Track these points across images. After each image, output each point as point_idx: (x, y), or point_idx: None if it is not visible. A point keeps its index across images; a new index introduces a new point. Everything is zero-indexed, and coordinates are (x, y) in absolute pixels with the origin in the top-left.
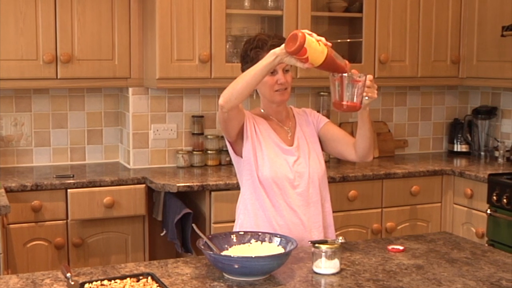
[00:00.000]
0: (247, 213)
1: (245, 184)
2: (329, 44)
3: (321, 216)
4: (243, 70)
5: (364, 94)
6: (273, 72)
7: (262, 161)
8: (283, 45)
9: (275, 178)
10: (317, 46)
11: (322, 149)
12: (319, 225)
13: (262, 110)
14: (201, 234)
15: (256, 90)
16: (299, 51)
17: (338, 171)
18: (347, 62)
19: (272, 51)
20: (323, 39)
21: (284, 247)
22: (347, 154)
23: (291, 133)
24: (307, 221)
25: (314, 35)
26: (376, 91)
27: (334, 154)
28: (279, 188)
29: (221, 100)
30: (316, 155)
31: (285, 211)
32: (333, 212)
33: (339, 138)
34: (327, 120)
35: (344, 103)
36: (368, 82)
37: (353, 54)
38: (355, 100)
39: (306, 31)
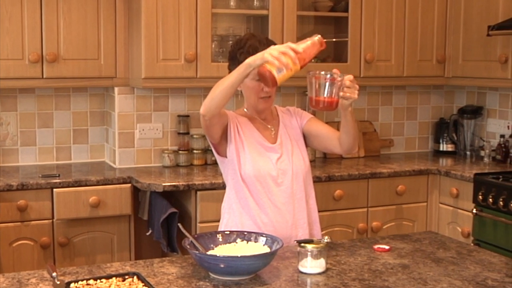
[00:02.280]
0: (232, 212)
1: (230, 184)
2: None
3: (306, 212)
4: (230, 70)
5: (341, 94)
6: (259, 79)
7: (245, 160)
8: (258, 54)
9: (258, 176)
10: (289, 73)
11: (307, 145)
12: (304, 221)
13: (245, 110)
14: (186, 234)
15: (241, 91)
16: (275, 85)
17: (323, 171)
18: (322, 40)
19: (247, 61)
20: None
21: (270, 247)
22: (332, 147)
23: (274, 131)
24: (292, 218)
25: (290, 52)
26: (357, 92)
27: (320, 148)
28: (262, 186)
29: (202, 110)
30: (299, 152)
31: (269, 208)
32: (319, 211)
33: (323, 133)
34: (310, 116)
35: (321, 99)
36: (347, 82)
37: (338, 53)
38: (332, 97)
39: (275, 52)
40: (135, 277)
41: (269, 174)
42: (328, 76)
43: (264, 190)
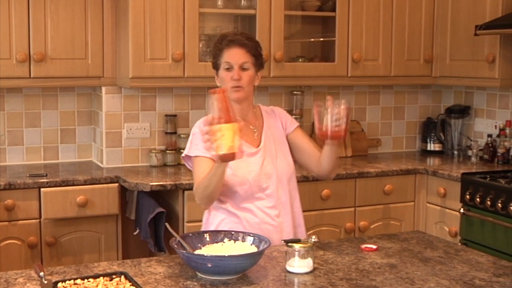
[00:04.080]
0: (217, 216)
1: None
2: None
3: (291, 216)
4: (213, 66)
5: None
6: (229, 69)
7: (231, 171)
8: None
9: (242, 184)
10: (228, 135)
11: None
12: (288, 225)
13: None
14: (174, 233)
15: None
16: (238, 156)
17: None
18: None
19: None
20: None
21: (257, 246)
22: (312, 167)
23: (257, 132)
24: (277, 221)
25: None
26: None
27: (299, 162)
28: (247, 192)
29: (202, 205)
30: (283, 155)
31: (254, 213)
32: (306, 211)
33: (306, 149)
34: (297, 124)
35: (329, 132)
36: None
37: (326, 53)
38: (341, 128)
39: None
40: (122, 276)
41: (254, 179)
42: (336, 106)
43: (249, 195)
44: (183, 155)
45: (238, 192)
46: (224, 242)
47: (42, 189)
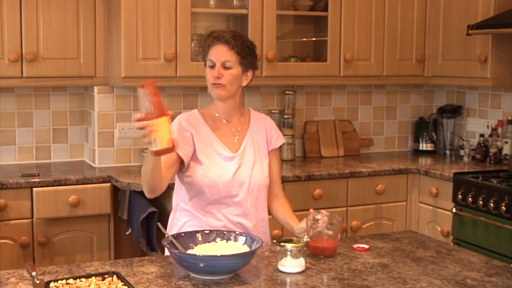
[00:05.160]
0: (181, 218)
1: (186, 187)
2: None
3: (254, 225)
4: (204, 64)
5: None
6: (212, 66)
7: (203, 171)
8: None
9: (211, 187)
10: (163, 128)
11: None
12: (251, 232)
13: (213, 111)
14: (166, 233)
15: None
16: (171, 150)
17: (303, 170)
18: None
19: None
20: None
21: (250, 246)
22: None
23: (239, 136)
24: (239, 229)
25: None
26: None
27: None
28: (214, 196)
29: (146, 194)
30: (261, 165)
31: (218, 217)
32: (299, 211)
33: (271, 175)
34: (281, 142)
35: (320, 245)
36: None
37: (318, 53)
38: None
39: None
40: (114, 276)
41: (223, 185)
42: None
43: (214, 200)
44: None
45: (206, 193)
46: (216, 242)
47: (34, 189)
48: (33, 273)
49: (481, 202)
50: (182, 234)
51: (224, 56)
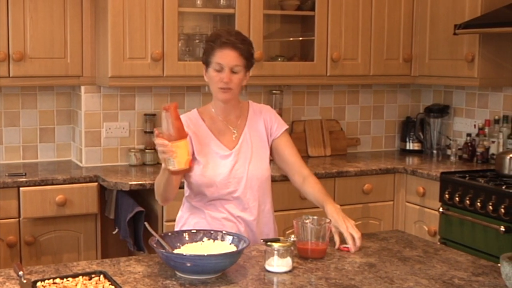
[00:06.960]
0: (185, 212)
1: (189, 185)
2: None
3: (256, 219)
4: (202, 61)
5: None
6: (220, 70)
7: (200, 170)
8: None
9: (209, 186)
10: (182, 151)
11: (271, 156)
12: (253, 225)
13: (212, 109)
14: (153, 233)
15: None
16: (187, 170)
17: None
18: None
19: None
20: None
21: (237, 245)
22: (289, 177)
23: (236, 134)
24: (241, 222)
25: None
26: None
27: (280, 168)
28: (214, 194)
29: (160, 203)
30: (259, 159)
31: (219, 210)
32: (285, 210)
33: (289, 160)
34: (284, 128)
35: (308, 247)
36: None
37: (305, 52)
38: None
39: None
40: (101, 276)
41: (220, 183)
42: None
43: (214, 197)
44: None
45: (205, 192)
46: (203, 241)
47: (21, 188)
48: (20, 273)
49: (468, 201)
50: (169, 234)
51: (233, 61)
